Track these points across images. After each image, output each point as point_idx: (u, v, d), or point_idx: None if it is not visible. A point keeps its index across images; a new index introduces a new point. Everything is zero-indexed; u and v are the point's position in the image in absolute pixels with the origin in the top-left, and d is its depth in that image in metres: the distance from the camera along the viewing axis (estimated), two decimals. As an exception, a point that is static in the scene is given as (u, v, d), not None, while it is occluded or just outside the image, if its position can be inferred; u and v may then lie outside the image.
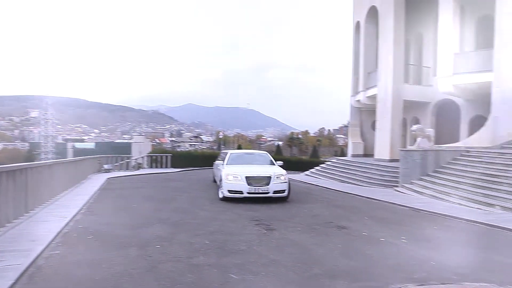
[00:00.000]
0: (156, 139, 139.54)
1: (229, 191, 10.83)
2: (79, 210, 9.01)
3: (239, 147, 61.29)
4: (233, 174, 11.01)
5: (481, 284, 4.57)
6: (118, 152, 28.93)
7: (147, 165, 26.97)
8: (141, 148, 40.16)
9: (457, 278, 4.78)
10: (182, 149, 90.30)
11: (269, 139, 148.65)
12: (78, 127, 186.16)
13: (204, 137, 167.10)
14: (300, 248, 6.07)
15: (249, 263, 5.18)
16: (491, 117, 15.84)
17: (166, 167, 26.76)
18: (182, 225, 7.65)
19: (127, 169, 24.47)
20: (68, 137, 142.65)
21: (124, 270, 4.81)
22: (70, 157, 36.17)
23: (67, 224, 7.39)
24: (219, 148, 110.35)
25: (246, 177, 10.78)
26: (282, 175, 11.21)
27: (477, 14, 20.04)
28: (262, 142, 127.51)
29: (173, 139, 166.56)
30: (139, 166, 26.00)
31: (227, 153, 13.76)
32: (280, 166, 12.60)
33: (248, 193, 10.72)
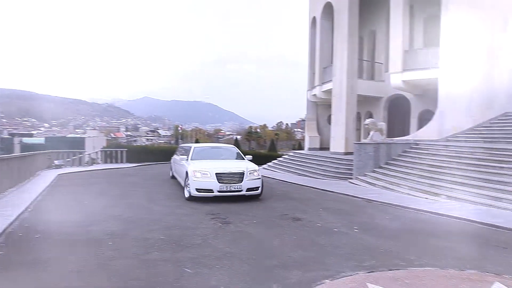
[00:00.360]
0: (111, 134, 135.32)
1: (197, 190, 9.75)
2: (25, 208, 8.61)
3: (197, 141, 60.70)
4: (201, 170, 9.90)
5: (425, 268, 4.85)
6: (70, 147, 27.88)
7: (101, 160, 26.15)
8: (95, 143, 38.90)
9: (404, 264, 5.04)
10: (139, 144, 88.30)
11: (228, 133, 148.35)
12: (26, 121, 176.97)
13: (161, 131, 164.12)
14: (256, 241, 6.16)
15: (203, 257, 5.19)
16: (437, 112, 16.68)
17: (122, 162, 26.07)
18: (136, 221, 7.51)
19: (80, 164, 23.63)
20: (15, 131, 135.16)
21: (72, 269, 4.68)
22: (16, 153, 34.38)
23: (11, 224, 7.04)
24: (177, 143, 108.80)
25: (217, 174, 9.76)
26: (255, 170, 10.35)
27: (425, 14, 20.97)
28: (220, 136, 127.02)
29: (129, 133, 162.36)
30: (92, 162, 25.17)
31: (190, 147, 12.52)
32: (250, 160, 11.80)
33: (219, 191, 9.70)
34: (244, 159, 11.88)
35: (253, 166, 10.63)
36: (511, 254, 5.59)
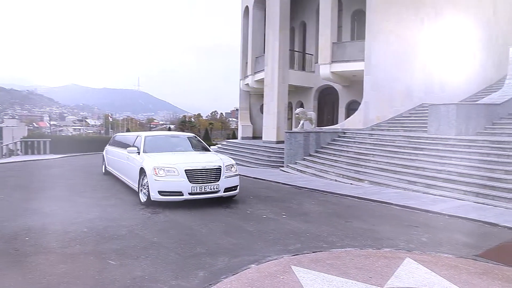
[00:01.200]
0: (33, 123, 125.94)
1: (161, 193, 7.55)
2: None
3: (128, 131, 58.50)
4: (166, 167, 7.70)
5: (345, 249, 5.12)
6: (-16, 138, 25.50)
7: (21, 151, 24.25)
8: (14, 133, 36.06)
9: (327, 246, 5.28)
10: (65, 134, 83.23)
11: (161, 122, 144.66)
12: None
13: (90, 121, 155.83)
14: (184, 229, 6.09)
15: (129, 248, 5.04)
16: (363, 102, 17.57)
17: (45, 153, 24.38)
18: (57, 215, 7.07)
19: (-5, 156, 21.74)
20: None
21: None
22: None
23: None
24: (107, 133, 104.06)
25: (187, 171, 7.64)
26: (232, 165, 8.48)
27: (352, 8, 21.89)
28: (153, 126, 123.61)
29: (54, 122, 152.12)
30: (11, 153, 23.28)
31: (136, 136, 10.16)
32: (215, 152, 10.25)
33: (191, 193, 7.64)
34: (210, 150, 9.98)
35: (229, 160, 8.77)
36: (421, 232, 6.09)
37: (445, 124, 12.16)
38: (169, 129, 68.86)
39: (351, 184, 11.26)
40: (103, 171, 13.24)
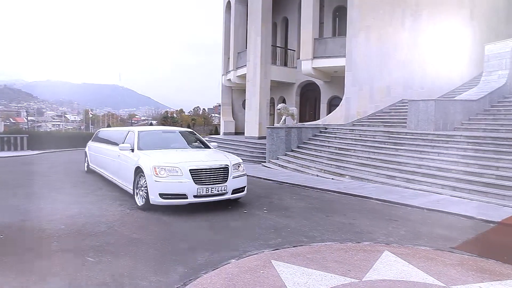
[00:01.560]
0: (10, 118, 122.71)
1: (163, 195, 6.76)
2: None
3: (109, 126, 57.63)
4: (167, 166, 6.89)
5: (326, 243, 5.16)
6: (-44, 134, 24.74)
7: (-4, 148, 23.63)
8: (-11, 129, 35.05)
9: (307, 240, 5.31)
10: (44, 129, 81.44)
11: (143, 118, 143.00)
12: None
13: (70, 116, 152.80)
14: (165, 225, 6.04)
15: (108, 245, 4.97)
16: (344, 98, 17.72)
17: (22, 149, 23.82)
18: (34, 212, 6.92)
19: (-31, 153, 21.12)
20: None
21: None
22: None
23: None
24: (87, 128, 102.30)
25: (192, 171, 6.87)
26: (239, 164, 7.78)
27: (334, 5, 22.01)
28: (135, 122, 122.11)
29: (32, 118, 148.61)
30: (-14, 149, 22.63)
31: (127, 131, 9.31)
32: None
33: (196, 196, 6.84)
34: (210, 147, 9.30)
35: (235, 158, 8.04)
36: (400, 226, 6.19)
37: (424, 120, 12.36)
38: (151, 125, 68.13)
39: (332, 179, 11.35)
40: (86, 169, 12.63)
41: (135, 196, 7.45)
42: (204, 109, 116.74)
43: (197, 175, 6.90)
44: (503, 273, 4.17)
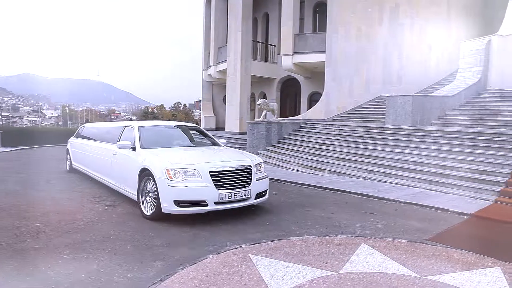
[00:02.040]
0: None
1: (179, 203, 5.73)
2: None
3: (87, 122, 56.63)
4: (183, 167, 5.84)
5: (304, 237, 5.20)
6: None
7: (-32, 144, 22.95)
8: (-39, 125, 33.98)
9: (285, 234, 5.34)
10: (19, 126, 79.36)
11: (123, 114, 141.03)
12: None
13: (47, 112, 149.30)
14: (143, 222, 5.97)
15: (84, 242, 4.89)
16: (324, 93, 17.85)
17: (-5, 146, 23.19)
18: (7, 209, 6.73)
19: None
20: None
21: None
22: None
23: None
24: (65, 124, 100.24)
25: (212, 174, 5.87)
26: (261, 163, 6.90)
27: (314, 0, 22.11)
28: (114, 117, 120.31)
29: (7, 113, 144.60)
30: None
31: (122, 127, 8.22)
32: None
33: (218, 203, 5.87)
34: (220, 144, 8.18)
35: (256, 157, 7.15)
36: (377, 219, 6.29)
37: (402, 115, 12.56)
38: (131, 121, 67.24)
39: (312, 173, 11.44)
40: (68, 168, 11.53)
41: (141, 204, 6.34)
42: (185, 104, 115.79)
43: (218, 178, 5.91)
44: (474, 263, 4.29)
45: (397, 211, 6.95)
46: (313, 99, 21.65)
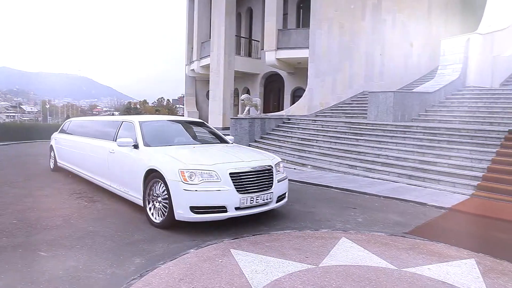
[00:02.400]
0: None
1: (195, 209, 5.03)
2: None
3: (68, 117, 55.71)
4: (199, 169, 5.13)
5: (284, 231, 5.23)
6: None
7: None
8: None
9: (266, 229, 5.36)
10: (-4, 121, 77.48)
11: (105, 109, 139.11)
12: None
13: (26, 107, 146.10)
14: (124, 217, 5.91)
15: (63, 238, 4.81)
16: (307, 89, 17.93)
17: (-29, 141, 22.60)
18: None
19: None
20: None
21: None
22: None
23: None
24: (45, 119, 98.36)
25: (232, 175, 5.21)
26: (279, 162, 6.19)
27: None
28: (96, 113, 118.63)
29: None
30: None
31: (119, 122, 7.31)
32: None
33: (239, 208, 5.21)
34: (228, 141, 7.45)
35: (272, 155, 6.40)
36: (358, 213, 6.37)
37: (383, 111, 12.71)
38: (113, 116, 66.36)
39: (295, 169, 11.49)
40: (52, 166, 10.59)
41: (148, 211, 5.63)
42: (168, 99, 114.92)
43: (238, 180, 5.24)
44: (450, 255, 4.40)
45: (377, 205, 7.05)
46: (297, 94, 21.73)
